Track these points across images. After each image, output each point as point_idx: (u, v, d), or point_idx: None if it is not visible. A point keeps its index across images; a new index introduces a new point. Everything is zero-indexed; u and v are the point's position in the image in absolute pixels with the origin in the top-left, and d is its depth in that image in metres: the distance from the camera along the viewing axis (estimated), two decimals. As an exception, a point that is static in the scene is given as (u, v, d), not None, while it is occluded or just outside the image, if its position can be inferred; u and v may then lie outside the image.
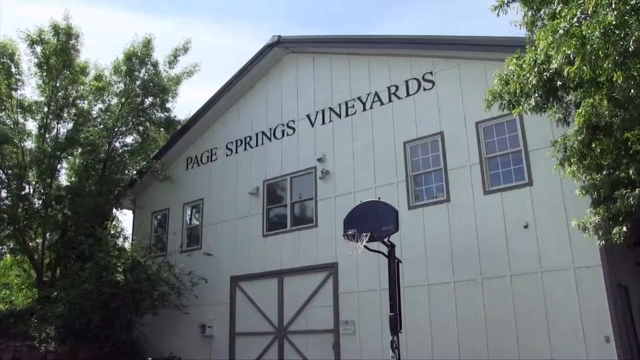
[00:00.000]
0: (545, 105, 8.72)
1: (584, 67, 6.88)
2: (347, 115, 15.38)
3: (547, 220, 11.33)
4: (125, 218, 33.60)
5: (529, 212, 11.60)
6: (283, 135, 16.71)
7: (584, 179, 9.10)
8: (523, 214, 11.66)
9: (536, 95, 8.42)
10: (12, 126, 19.32)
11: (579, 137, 8.68)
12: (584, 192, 9.25)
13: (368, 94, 15.04)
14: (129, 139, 21.01)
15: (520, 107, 8.88)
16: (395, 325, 10.85)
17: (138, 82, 19.90)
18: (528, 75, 8.32)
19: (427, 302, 12.60)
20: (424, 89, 14.03)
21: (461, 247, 12.38)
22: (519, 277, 11.46)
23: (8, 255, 22.40)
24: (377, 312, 13.13)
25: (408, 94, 14.29)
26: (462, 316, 12.01)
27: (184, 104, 59.70)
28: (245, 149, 17.64)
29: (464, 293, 12.12)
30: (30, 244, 20.12)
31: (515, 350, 11.12)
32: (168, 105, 20.66)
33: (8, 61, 19.37)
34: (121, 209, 21.66)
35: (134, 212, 20.95)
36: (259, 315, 15.72)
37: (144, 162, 20.12)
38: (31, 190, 19.69)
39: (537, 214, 11.51)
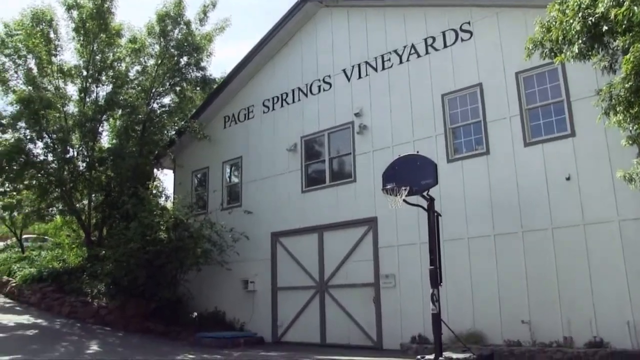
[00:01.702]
0: (590, 53, 8.32)
1: (635, 8, 6.55)
2: (383, 68, 15.17)
3: (591, 172, 11.08)
4: (166, 178, 34.24)
5: (572, 164, 11.36)
6: (319, 90, 16.61)
7: (630, 128, 8.76)
8: (565, 165, 11.43)
9: (580, 42, 8.07)
10: (54, 91, 19.74)
11: (626, 85, 8.28)
12: (630, 142, 8.93)
13: (404, 47, 14.77)
14: (166, 100, 21.32)
15: (563, 55, 8.54)
16: (436, 278, 10.91)
17: (172, 43, 19.98)
18: (571, 21, 7.98)
19: (467, 255, 12.60)
20: (462, 40, 13.69)
21: (501, 200, 12.26)
22: (560, 230, 11.33)
23: (58, 216, 23.22)
24: (417, 266, 13.22)
25: (445, 46, 13.98)
26: (503, 269, 11.99)
27: (219, 63, 59.50)
28: (282, 105, 17.63)
29: (504, 246, 12.07)
30: (77, 205, 20.77)
31: (557, 304, 11.08)
32: (203, 64, 20.77)
33: (47, 27, 19.65)
34: (162, 169, 22.08)
35: (174, 172, 21.32)
36: (300, 270, 15.99)
37: (182, 122, 20.35)
38: (75, 153, 20.20)
39: (580, 166, 11.27)
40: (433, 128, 13.71)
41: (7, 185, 20.55)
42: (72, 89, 21.39)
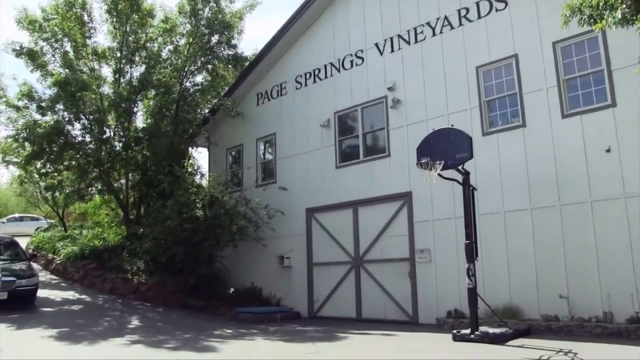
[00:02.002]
0: (634, 18, 7.87)
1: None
2: (416, 41, 14.93)
3: (632, 143, 10.72)
4: (200, 156, 34.59)
5: (612, 135, 11.03)
6: (352, 65, 16.47)
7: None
8: (605, 137, 11.11)
9: (623, 6, 7.71)
10: (90, 73, 20.07)
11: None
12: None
13: (437, 19, 14.49)
14: (199, 78, 21.45)
15: (604, 22, 8.13)
16: (471, 252, 10.86)
17: (203, 21, 20.01)
18: (614, -17, 7.62)
19: (503, 229, 12.44)
20: (496, 10, 13.34)
21: (538, 173, 12.03)
22: (600, 203, 11.06)
23: (97, 195, 23.75)
24: (452, 240, 13.13)
25: (479, 16, 13.65)
26: (540, 243, 11.81)
27: (250, 40, 59.39)
28: (314, 81, 17.55)
29: (541, 220, 11.87)
30: (115, 184, 21.25)
31: (596, 279, 10.88)
32: (234, 42, 20.76)
33: (80, 10, 19.91)
34: (196, 147, 22.33)
35: (209, 150, 21.52)
36: (335, 246, 16.06)
37: (215, 100, 20.48)
38: (112, 134, 20.59)
39: (620, 137, 10.93)
40: (467, 101, 13.48)
41: (48, 166, 21.19)
42: (106, 71, 21.70)
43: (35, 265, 18.61)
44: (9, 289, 14.20)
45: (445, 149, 10.99)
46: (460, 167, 11.03)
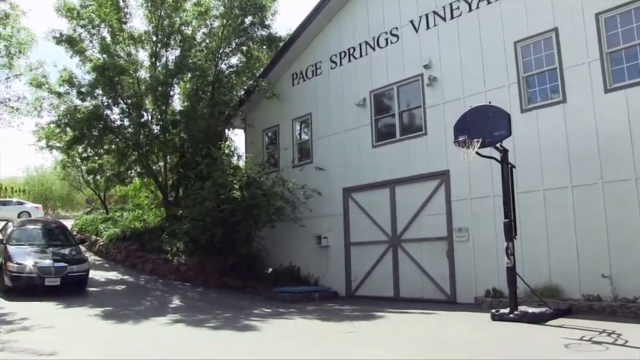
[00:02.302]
0: None
1: None
2: (452, 17, 14.63)
3: (679, 117, 10.39)
4: (237, 137, 34.76)
5: (658, 109, 10.68)
6: (387, 43, 16.26)
7: None
8: (651, 111, 10.76)
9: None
10: (126, 58, 20.34)
11: None
12: None
13: (474, -7, 14.17)
14: (233, 60, 21.50)
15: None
16: (510, 231, 10.71)
17: (236, 2, 19.96)
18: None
19: (542, 207, 12.21)
20: (535, -18, 12.97)
21: (579, 149, 11.71)
22: (646, 180, 10.76)
23: (136, 178, 24.24)
24: (490, 219, 12.97)
25: (517, -11, 13.30)
26: (581, 222, 11.55)
27: (284, 21, 59.14)
28: (349, 60, 17.40)
29: (582, 198, 11.60)
30: (153, 167, 21.62)
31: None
32: (267, 22, 20.69)
33: (116, -5, 20.13)
34: (233, 129, 22.50)
35: (245, 131, 21.62)
36: (372, 225, 16.04)
37: (251, 82, 20.49)
38: (149, 117, 20.91)
39: (667, 111, 10.58)
40: (505, 77, 13.18)
41: (89, 150, 21.73)
42: (143, 55, 21.98)
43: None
44: (61, 275, 14.21)
45: (482, 126, 10.79)
46: (498, 145, 10.83)
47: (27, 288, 13.84)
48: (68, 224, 27.63)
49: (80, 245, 17.61)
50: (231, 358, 7.86)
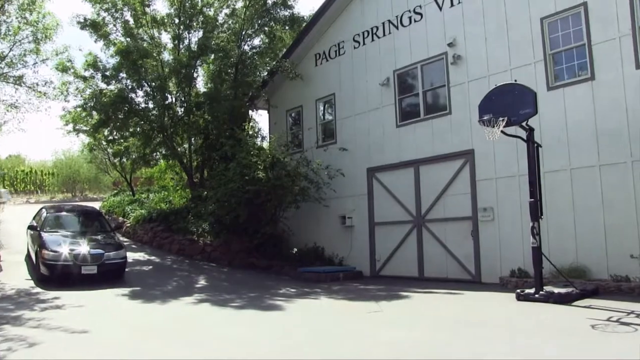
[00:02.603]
0: None
1: None
2: (476, -7, 14.40)
3: None
4: (261, 118, 34.81)
5: (690, 85, 10.41)
6: (410, 22, 16.06)
7: None
8: (683, 87, 10.49)
9: None
10: (150, 41, 20.45)
11: None
12: None
13: (499, -32, 13.88)
14: (256, 41, 21.43)
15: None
16: (536, 211, 10.62)
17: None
18: None
19: (569, 187, 12.05)
20: (563, -45, 12.65)
21: (608, 127, 11.49)
22: (676, 158, 10.54)
23: (162, 160, 24.51)
24: (516, 199, 12.87)
25: (544, -37, 12.99)
26: (609, 201, 11.38)
27: (307, 1, 58.77)
28: (372, 39, 17.24)
29: (610, 177, 11.40)
30: (178, 149, 21.82)
31: (671, 234, 10.46)
32: (290, 2, 20.50)
33: (138, -21, 20.17)
34: (256, 110, 22.52)
35: (268, 112, 21.63)
36: (397, 205, 16.01)
37: (274, 62, 20.44)
38: (173, 100, 21.04)
39: (698, 87, 10.31)
40: (532, 55, 12.94)
41: (115, 133, 22.00)
42: (165, 38, 22.08)
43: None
44: (97, 263, 13.39)
45: (508, 105, 10.65)
46: (523, 124, 10.69)
47: (63, 277, 13.08)
48: (96, 205, 28.16)
49: (115, 232, 16.97)
50: (257, 336, 7.96)
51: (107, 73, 20.06)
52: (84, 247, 13.60)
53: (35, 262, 13.89)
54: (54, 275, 13.14)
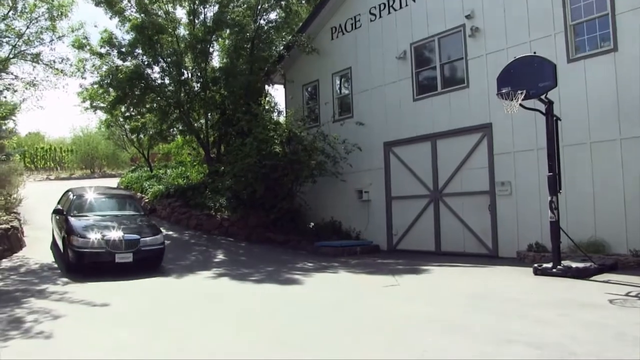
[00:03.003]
0: None
1: None
2: (495, -36, 14.12)
3: None
4: (277, 93, 34.84)
5: None
6: (427, -7, 15.85)
7: None
8: None
9: None
10: (165, 16, 20.37)
11: None
12: None
13: (518, -63, 13.58)
14: (272, 15, 21.26)
15: None
16: (554, 185, 10.53)
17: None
18: None
19: (589, 161, 11.91)
20: None
21: (631, 100, 11.25)
22: (698, 129, 10.35)
23: (178, 136, 24.62)
24: (534, 173, 12.77)
25: None
26: (630, 175, 11.23)
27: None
28: (389, 12, 17.03)
29: (632, 151, 11.22)
30: (195, 124, 21.87)
31: (692, 207, 10.33)
32: (307, -25, 20.31)
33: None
34: (272, 84, 22.43)
35: (285, 86, 21.57)
36: (414, 179, 15.98)
37: (290, 37, 20.31)
38: (189, 75, 21.03)
39: None
40: (552, 26, 12.69)
41: (132, 109, 22.09)
42: (181, 13, 22.04)
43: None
44: (133, 249, 11.83)
45: (527, 77, 10.50)
46: (543, 97, 10.55)
47: (94, 265, 11.71)
48: (114, 182, 28.41)
49: (149, 216, 15.21)
50: (276, 309, 8.06)
51: (123, 49, 20.04)
52: (117, 232, 12.02)
53: (63, 250, 12.51)
54: (83, 264, 11.68)
